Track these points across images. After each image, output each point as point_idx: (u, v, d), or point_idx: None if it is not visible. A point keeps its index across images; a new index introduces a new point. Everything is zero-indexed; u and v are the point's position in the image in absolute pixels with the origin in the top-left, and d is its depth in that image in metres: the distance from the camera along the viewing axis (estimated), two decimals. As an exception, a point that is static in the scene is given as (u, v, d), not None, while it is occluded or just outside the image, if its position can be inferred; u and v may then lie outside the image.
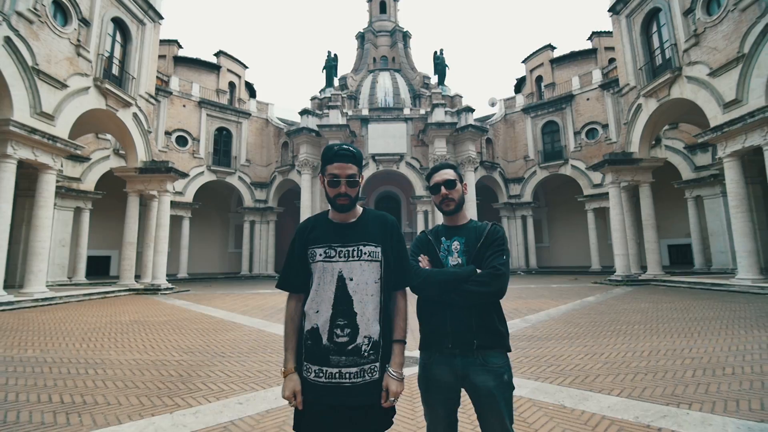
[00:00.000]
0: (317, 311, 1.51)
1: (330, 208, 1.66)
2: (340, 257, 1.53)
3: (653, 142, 17.44)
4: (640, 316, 7.83)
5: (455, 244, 1.80)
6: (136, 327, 7.48)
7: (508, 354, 1.72)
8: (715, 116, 12.25)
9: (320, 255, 1.55)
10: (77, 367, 4.71)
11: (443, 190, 1.82)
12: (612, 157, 16.15)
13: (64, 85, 11.59)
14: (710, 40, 12.44)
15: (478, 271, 1.67)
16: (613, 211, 16.72)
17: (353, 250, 1.54)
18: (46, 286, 14.76)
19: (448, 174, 1.85)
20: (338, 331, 1.48)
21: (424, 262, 1.79)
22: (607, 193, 19.07)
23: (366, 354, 1.48)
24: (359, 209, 1.67)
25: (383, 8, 33.47)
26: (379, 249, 1.57)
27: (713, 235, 17.44)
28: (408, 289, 1.67)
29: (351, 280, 1.52)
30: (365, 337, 1.49)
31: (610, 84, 21.61)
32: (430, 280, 1.67)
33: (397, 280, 1.61)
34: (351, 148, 1.60)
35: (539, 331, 6.61)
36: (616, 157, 16.13)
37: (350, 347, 1.47)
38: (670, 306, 9.10)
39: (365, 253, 1.54)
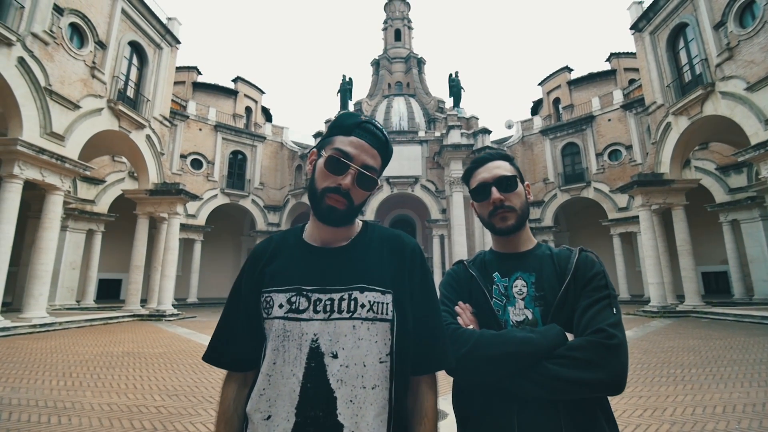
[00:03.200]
0: (268, 417, 0.79)
1: (309, 219, 0.96)
2: (315, 312, 0.82)
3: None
4: (693, 356, 6.79)
5: (518, 284, 1.03)
6: (126, 360, 6.84)
7: None
8: (756, 133, 11.34)
9: (280, 306, 0.84)
10: (41, 413, 4.06)
11: (495, 193, 1.06)
12: (641, 179, 15.18)
13: (76, 106, 11.51)
14: (746, 53, 11.69)
15: (569, 336, 0.91)
16: (644, 236, 15.58)
17: (340, 300, 0.83)
18: (54, 309, 14.48)
19: (502, 168, 1.09)
20: None
21: (465, 316, 1.01)
22: (635, 217, 18.03)
23: None
24: (358, 225, 0.96)
25: (398, 36, 33.90)
26: (388, 298, 0.84)
27: (753, 261, 16.30)
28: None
29: (335, 356, 0.79)
30: None
31: (632, 104, 20.84)
32: (480, 353, 0.90)
33: (423, 357, 0.87)
34: (384, 130, 0.92)
35: (578, 374, 5.67)
36: (645, 178, 15.16)
37: None
38: (722, 343, 7.99)
39: (363, 306, 0.82)
